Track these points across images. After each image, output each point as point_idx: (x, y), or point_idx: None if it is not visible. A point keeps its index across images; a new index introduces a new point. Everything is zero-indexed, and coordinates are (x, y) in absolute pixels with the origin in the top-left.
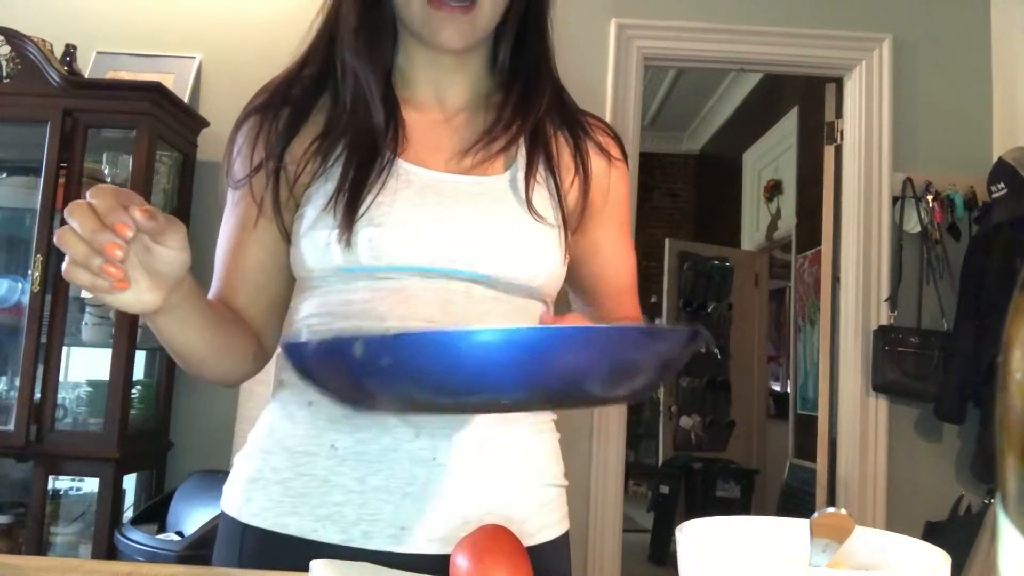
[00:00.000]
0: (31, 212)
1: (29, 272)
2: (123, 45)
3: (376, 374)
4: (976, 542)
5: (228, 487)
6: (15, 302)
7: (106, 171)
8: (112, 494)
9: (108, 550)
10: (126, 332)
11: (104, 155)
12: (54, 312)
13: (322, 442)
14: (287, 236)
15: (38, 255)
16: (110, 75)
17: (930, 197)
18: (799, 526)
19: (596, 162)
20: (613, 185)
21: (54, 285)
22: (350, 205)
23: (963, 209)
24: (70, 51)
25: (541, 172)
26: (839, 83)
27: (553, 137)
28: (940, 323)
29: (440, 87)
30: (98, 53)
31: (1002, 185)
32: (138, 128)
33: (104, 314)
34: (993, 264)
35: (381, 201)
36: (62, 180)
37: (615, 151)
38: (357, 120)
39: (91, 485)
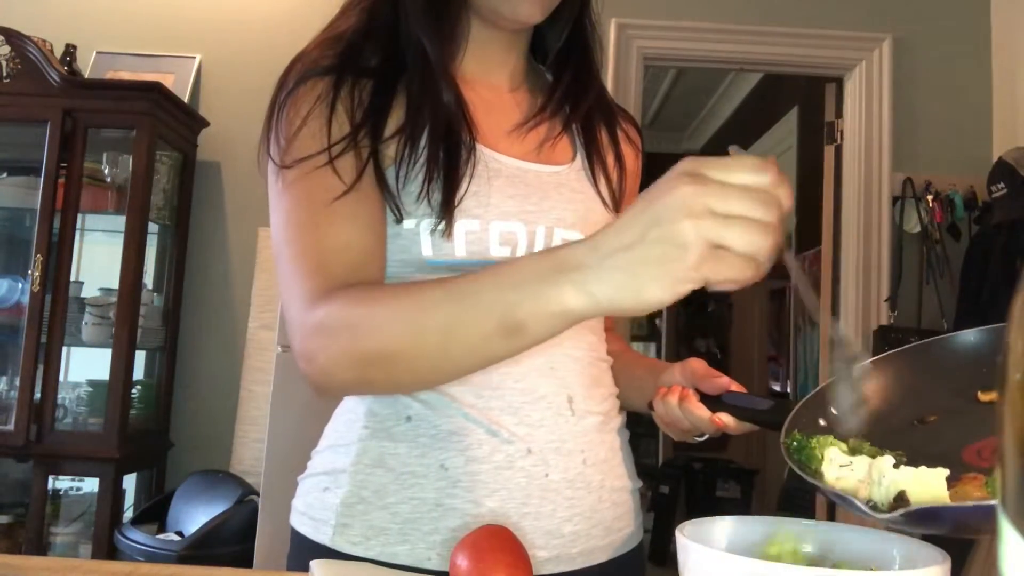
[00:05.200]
0: (31, 212)
1: (29, 272)
2: (123, 45)
3: None
4: (976, 542)
5: (308, 510)
6: (15, 302)
7: (106, 171)
8: (112, 494)
9: (108, 550)
10: (126, 332)
11: (104, 155)
12: (54, 312)
13: (429, 462)
14: (400, 216)
15: (38, 255)
16: (110, 75)
17: (930, 197)
18: (799, 526)
19: (627, 151)
20: (637, 178)
21: (54, 285)
22: (447, 193)
23: (963, 209)
24: (70, 51)
25: (598, 160)
26: (839, 83)
27: (597, 124)
28: (940, 323)
29: (489, 66)
30: (98, 53)
31: (1002, 185)
32: (138, 128)
33: (104, 314)
34: (993, 264)
35: (476, 191)
36: (62, 180)
37: (638, 141)
38: (437, 100)
39: (91, 485)
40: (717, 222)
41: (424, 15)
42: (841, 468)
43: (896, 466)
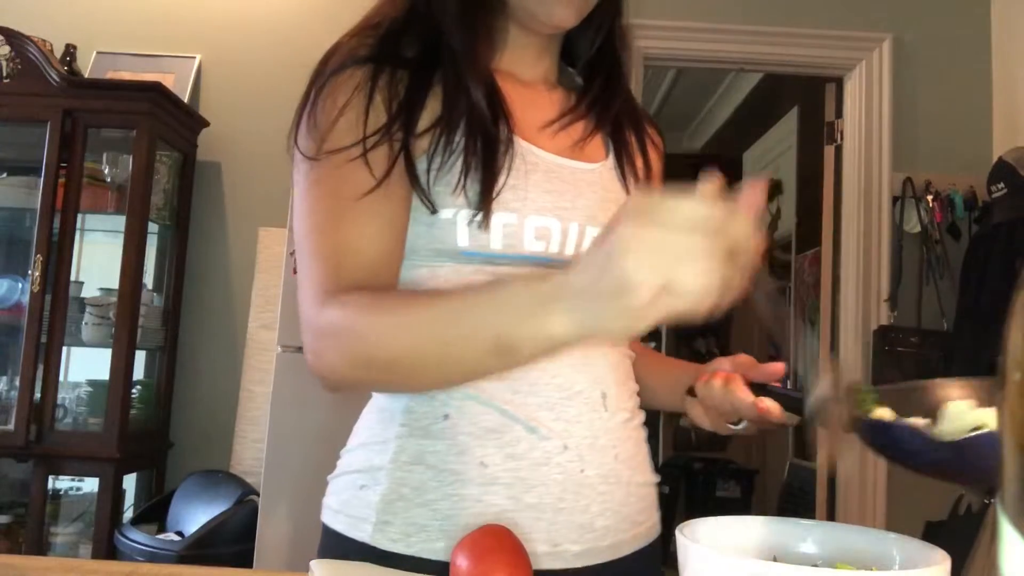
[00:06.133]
0: (31, 212)
1: (29, 272)
2: (123, 45)
3: None
4: (976, 542)
5: (344, 508)
6: (15, 302)
7: (106, 171)
8: (112, 494)
9: (108, 550)
10: (126, 332)
11: (104, 155)
12: (54, 312)
13: (469, 459)
14: (433, 209)
15: (38, 255)
16: (110, 75)
17: (930, 197)
18: (799, 526)
19: (652, 154)
20: (660, 178)
21: (54, 285)
22: (485, 185)
23: (963, 209)
24: (70, 51)
25: (628, 162)
26: (839, 83)
27: (626, 127)
28: (940, 323)
29: (523, 67)
30: (98, 53)
31: (1002, 185)
32: (138, 128)
33: (104, 314)
34: (993, 264)
35: (514, 184)
36: (62, 180)
37: (661, 145)
38: (476, 93)
39: (91, 485)
40: (662, 261)
41: (459, 17)
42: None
43: None
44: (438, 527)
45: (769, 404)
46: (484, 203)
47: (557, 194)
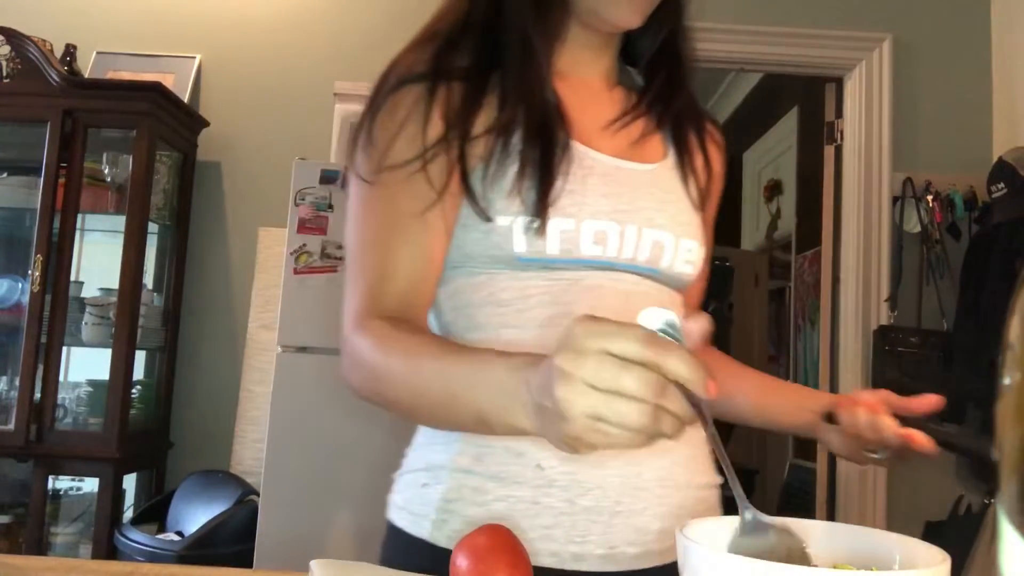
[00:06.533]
0: (31, 212)
1: (29, 272)
2: (123, 45)
3: None
4: (976, 542)
5: (407, 505)
6: (15, 302)
7: (106, 171)
8: (112, 494)
9: (108, 550)
10: (126, 332)
11: (104, 155)
12: (54, 312)
13: (526, 462)
14: (487, 217)
15: (38, 255)
16: (110, 75)
17: (930, 197)
18: (799, 526)
19: (713, 154)
20: (720, 180)
21: (54, 285)
22: (542, 191)
23: (963, 209)
24: (70, 51)
25: (689, 161)
26: (839, 83)
27: (687, 127)
28: (940, 323)
29: (582, 66)
30: (98, 53)
31: (1002, 185)
32: (138, 128)
33: (104, 314)
34: (993, 264)
35: (571, 189)
36: (62, 180)
37: (723, 147)
38: (533, 97)
39: (91, 485)
40: (591, 396)
41: (529, 10)
42: None
43: None
44: None
45: (920, 437)
46: (540, 209)
47: (615, 197)
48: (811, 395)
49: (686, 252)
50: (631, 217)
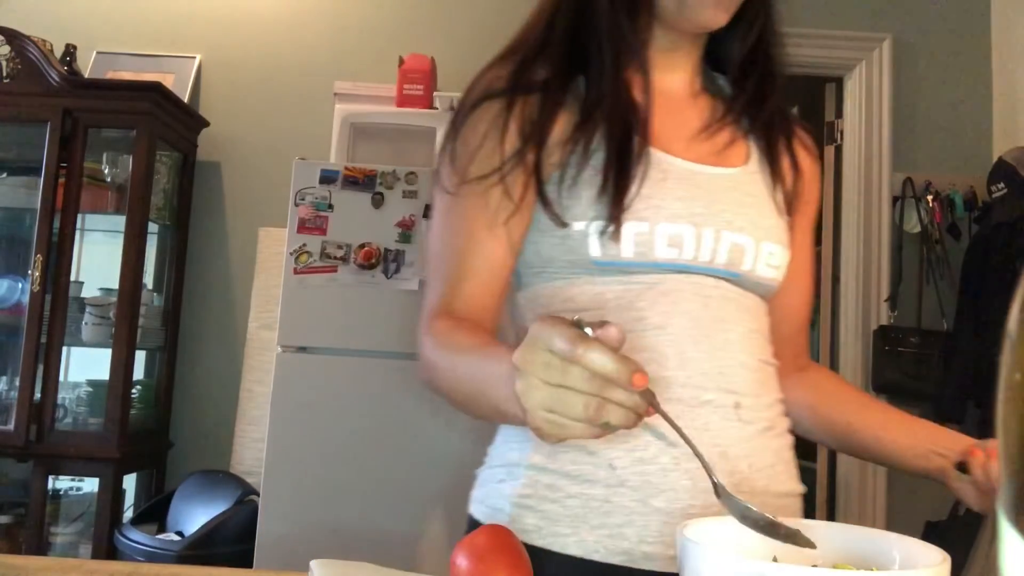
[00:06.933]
0: (31, 212)
1: (29, 272)
2: (123, 45)
3: None
4: (976, 542)
5: (486, 499)
6: (15, 302)
7: (106, 171)
8: (112, 494)
9: (108, 550)
10: (126, 332)
11: (104, 155)
12: (54, 312)
13: (599, 461)
14: (563, 222)
15: (38, 255)
16: (110, 75)
17: (930, 197)
18: (799, 526)
19: (802, 156)
20: (815, 186)
21: (54, 285)
22: (617, 196)
23: (963, 209)
24: (70, 51)
25: (775, 164)
26: (839, 83)
27: (776, 130)
28: (940, 323)
29: (668, 72)
30: (98, 53)
31: (1002, 185)
32: (138, 128)
33: (104, 314)
34: (993, 264)
35: (647, 194)
36: (62, 180)
37: (815, 151)
38: (614, 104)
39: (91, 485)
40: (543, 390)
41: (616, 14)
42: None
43: None
44: (568, 522)
45: None
46: (614, 213)
47: (691, 200)
48: (943, 436)
49: (768, 256)
50: (708, 220)
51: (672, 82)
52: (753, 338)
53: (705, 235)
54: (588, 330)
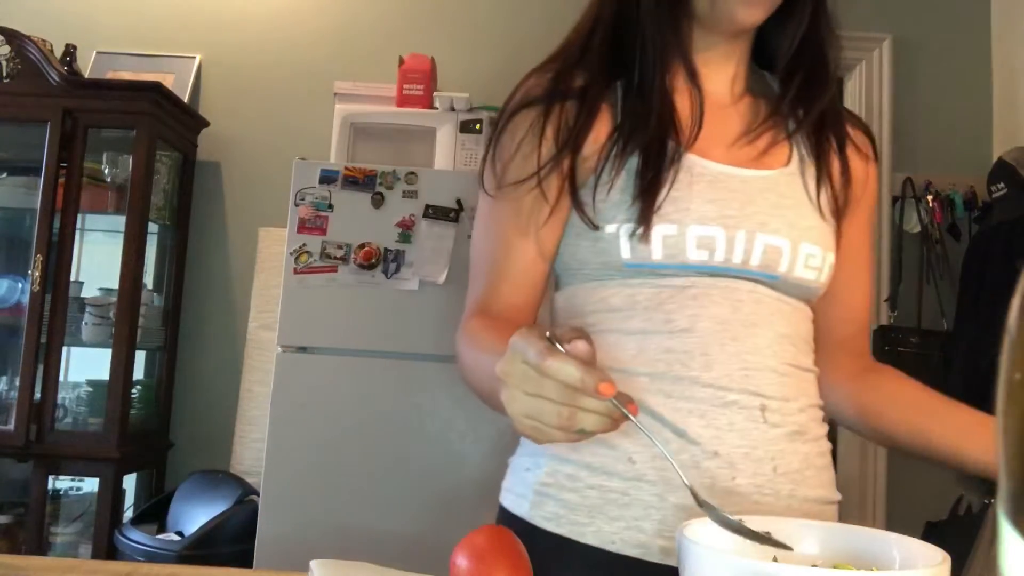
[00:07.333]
0: (31, 212)
1: (29, 272)
2: (123, 45)
3: None
4: (976, 542)
5: (512, 487)
6: (15, 302)
7: (106, 171)
8: (112, 494)
9: (108, 550)
10: (126, 332)
11: (104, 155)
12: (54, 312)
13: (618, 454)
14: (595, 225)
15: (38, 255)
16: (110, 75)
17: (930, 197)
18: (799, 526)
19: (854, 159)
20: (868, 186)
21: (54, 285)
22: (647, 199)
23: (963, 209)
24: (70, 51)
25: (822, 167)
26: (839, 83)
27: (826, 130)
28: (940, 323)
29: (710, 74)
30: (98, 53)
31: (1002, 185)
32: (138, 128)
33: (104, 314)
34: (993, 264)
35: (676, 196)
36: (62, 180)
37: (871, 151)
38: (649, 109)
39: (91, 485)
40: (522, 399)
41: (660, 19)
42: None
43: None
44: (586, 512)
45: None
46: (644, 216)
47: (722, 202)
48: None
49: (807, 257)
50: (741, 222)
51: (713, 84)
52: (784, 342)
53: (738, 237)
54: (559, 345)
